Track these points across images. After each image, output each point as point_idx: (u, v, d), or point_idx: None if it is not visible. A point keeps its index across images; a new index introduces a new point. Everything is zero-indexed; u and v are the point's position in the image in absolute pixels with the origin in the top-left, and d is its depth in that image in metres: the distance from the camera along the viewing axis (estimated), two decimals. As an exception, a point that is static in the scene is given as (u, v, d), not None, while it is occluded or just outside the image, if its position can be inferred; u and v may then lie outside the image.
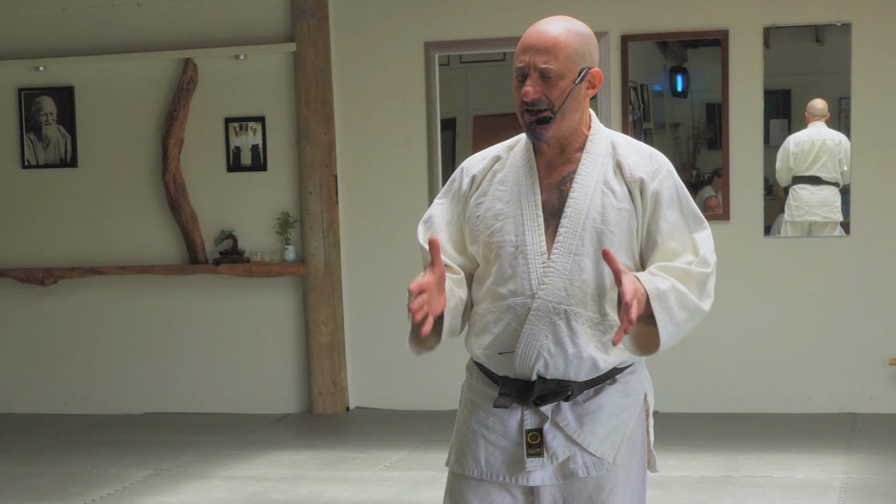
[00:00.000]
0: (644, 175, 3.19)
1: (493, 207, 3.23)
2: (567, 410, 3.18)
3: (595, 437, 3.19)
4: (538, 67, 3.14)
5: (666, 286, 3.08)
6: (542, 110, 3.14)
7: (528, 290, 3.15)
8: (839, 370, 7.99)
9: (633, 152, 3.25)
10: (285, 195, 8.55)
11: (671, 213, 3.19)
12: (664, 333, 3.08)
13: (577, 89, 3.16)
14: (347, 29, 8.43)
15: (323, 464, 7.18)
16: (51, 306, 8.92)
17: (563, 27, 3.18)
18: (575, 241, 3.14)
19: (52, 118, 8.82)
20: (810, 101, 8.00)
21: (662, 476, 6.61)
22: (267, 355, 8.66)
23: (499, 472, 3.23)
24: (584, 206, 3.16)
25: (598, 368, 3.17)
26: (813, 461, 6.86)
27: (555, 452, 3.18)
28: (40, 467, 7.28)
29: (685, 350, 8.09)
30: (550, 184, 3.21)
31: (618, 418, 3.23)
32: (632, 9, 8.07)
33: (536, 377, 3.15)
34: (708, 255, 3.17)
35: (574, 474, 3.19)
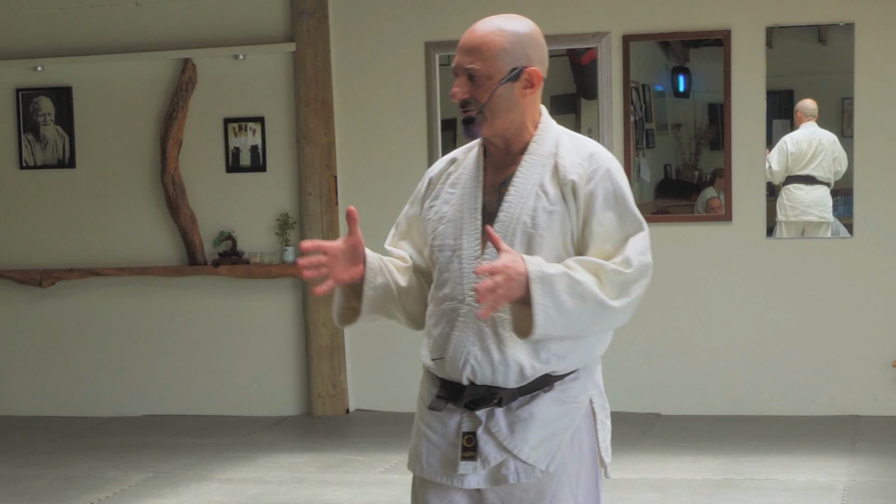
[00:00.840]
0: (576, 177, 3.14)
1: (440, 210, 3.25)
2: (500, 416, 3.16)
3: (526, 445, 3.16)
4: (465, 68, 3.15)
5: (556, 271, 3.03)
6: (471, 110, 3.15)
7: (460, 295, 3.15)
8: (842, 372, 7.99)
9: (574, 152, 3.19)
10: (285, 196, 8.55)
11: (606, 216, 3.13)
12: (542, 317, 3.00)
13: (507, 88, 3.14)
14: (347, 29, 8.43)
15: (322, 466, 7.18)
16: (49, 308, 8.92)
17: (494, 26, 3.18)
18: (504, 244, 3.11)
19: (51, 118, 8.83)
20: (801, 101, 8.01)
21: (664, 479, 6.61)
22: (266, 357, 8.66)
23: (436, 471, 3.24)
24: (516, 209, 3.14)
25: (525, 375, 3.14)
26: (816, 464, 6.86)
27: (486, 457, 3.17)
28: (38, 470, 7.28)
29: (687, 352, 8.10)
30: (493, 186, 3.21)
31: (552, 426, 3.18)
32: (633, 8, 8.07)
33: (468, 382, 3.15)
34: (632, 257, 3.10)
35: (505, 480, 3.17)
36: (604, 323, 3.10)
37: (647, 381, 8.19)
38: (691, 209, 8.16)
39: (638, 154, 8.11)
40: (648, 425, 7.91)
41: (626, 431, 7.73)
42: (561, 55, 8.18)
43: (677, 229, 8.12)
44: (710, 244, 8.09)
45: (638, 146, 8.11)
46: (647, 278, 3.12)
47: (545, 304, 3.00)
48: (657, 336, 8.15)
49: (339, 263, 3.19)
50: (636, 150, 8.09)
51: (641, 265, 3.10)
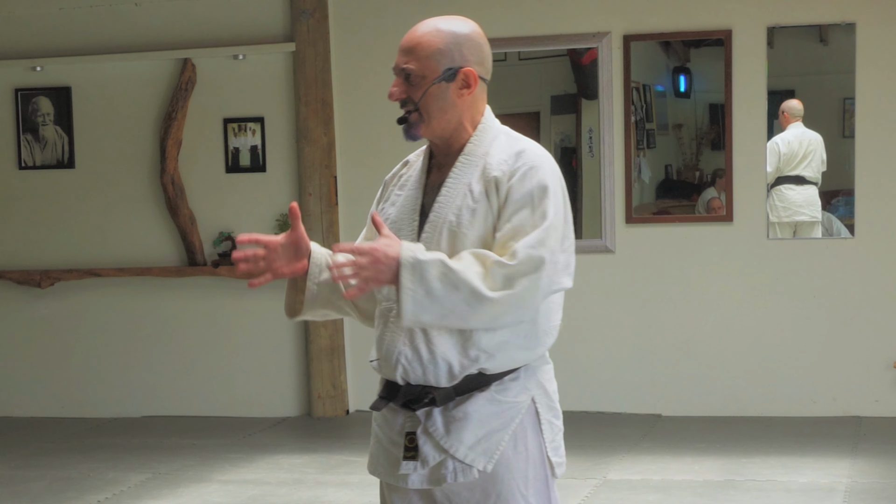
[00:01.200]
0: (500, 173, 3.16)
1: (386, 212, 3.31)
2: (437, 416, 3.18)
3: (463, 445, 3.17)
4: (401, 68, 3.19)
5: (430, 258, 3.04)
6: (409, 110, 3.20)
7: (393, 295, 3.16)
8: (843, 373, 7.99)
9: (504, 150, 3.21)
10: (284, 196, 8.55)
11: (521, 213, 3.13)
12: (409, 301, 3.02)
13: (441, 89, 3.16)
14: (347, 29, 8.44)
15: (322, 467, 7.18)
16: (48, 308, 8.92)
17: (432, 27, 3.20)
18: (432, 244, 3.15)
19: (50, 119, 8.83)
20: (786, 102, 8.00)
21: (665, 480, 6.61)
22: (266, 358, 8.66)
23: (385, 472, 3.28)
24: (445, 208, 3.18)
25: (454, 374, 3.15)
26: (817, 465, 6.86)
27: (425, 457, 3.19)
28: (37, 471, 7.28)
29: (688, 353, 8.10)
30: (433, 187, 3.25)
31: (489, 426, 3.18)
32: (634, 8, 8.07)
33: (402, 382, 3.18)
34: (519, 249, 3.07)
35: (443, 479, 3.18)
36: (484, 314, 3.06)
37: (648, 381, 8.19)
38: (692, 209, 8.16)
39: (639, 154, 8.11)
40: (649, 426, 7.92)
41: (626, 432, 7.73)
42: (562, 55, 8.18)
43: (678, 230, 8.12)
44: (710, 245, 8.09)
45: (639, 146, 8.11)
46: (539, 273, 3.07)
47: (414, 289, 3.03)
48: (658, 337, 8.15)
49: (279, 257, 3.27)
50: (637, 151, 8.10)
51: (528, 258, 3.06)
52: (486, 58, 3.24)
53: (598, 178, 8.10)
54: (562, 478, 3.34)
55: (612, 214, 8.10)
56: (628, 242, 8.15)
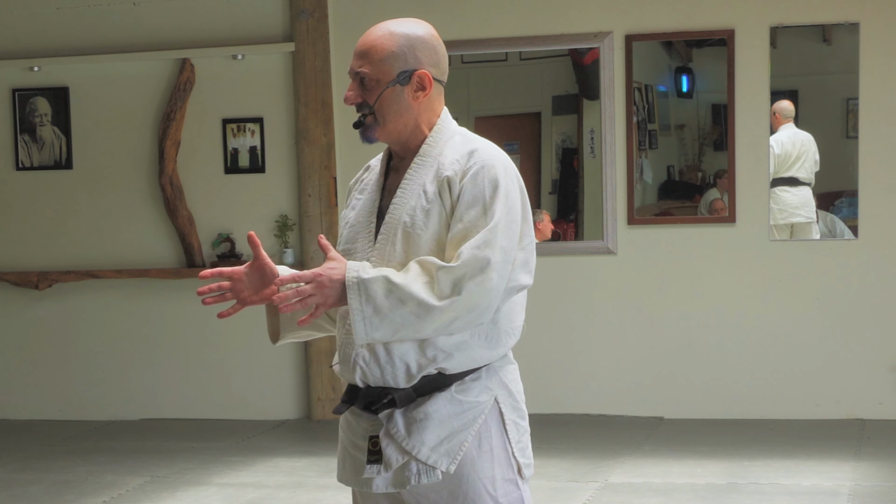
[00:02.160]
0: (452, 173, 3.17)
1: (347, 217, 3.35)
2: (398, 418, 3.20)
3: (425, 446, 3.18)
4: (354, 71, 3.23)
5: (373, 275, 3.07)
6: (365, 114, 3.23)
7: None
8: (847, 375, 8.00)
9: (457, 150, 3.22)
10: (284, 197, 8.56)
11: (470, 213, 3.12)
12: (359, 322, 3.08)
13: (395, 92, 3.20)
14: (347, 28, 8.44)
15: (322, 470, 7.19)
16: (45, 310, 8.92)
17: (385, 30, 3.25)
18: (388, 246, 3.18)
19: (47, 119, 8.83)
20: (777, 103, 8.01)
21: (667, 483, 6.61)
22: (265, 360, 8.66)
23: (350, 478, 3.30)
24: (399, 210, 3.20)
25: (412, 374, 3.17)
26: (820, 468, 6.86)
27: (389, 460, 3.20)
28: (34, 474, 7.29)
29: (690, 355, 8.10)
30: (391, 189, 3.27)
31: (450, 426, 3.19)
32: (636, 8, 8.08)
33: (362, 384, 3.21)
34: (465, 251, 3.07)
35: (407, 482, 3.19)
36: (435, 323, 3.07)
37: (650, 384, 8.20)
38: (694, 211, 8.17)
39: (641, 155, 8.12)
40: (651, 429, 7.92)
41: (628, 435, 7.74)
42: (563, 55, 8.19)
43: (680, 231, 8.13)
44: (713, 246, 8.09)
45: (640, 147, 8.12)
46: (486, 274, 3.05)
47: (362, 309, 3.08)
48: (659, 339, 8.16)
49: (246, 287, 3.33)
50: (639, 151, 8.10)
51: (473, 259, 3.05)
52: (440, 60, 3.29)
53: (599, 179, 8.10)
54: (563, 481, 3.34)
55: (614, 216, 8.10)
56: (630, 244, 8.15)
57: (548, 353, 8.21)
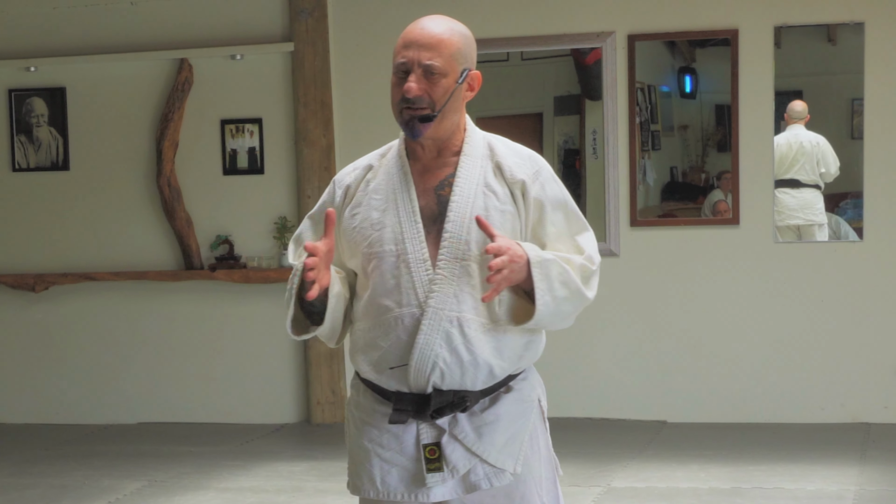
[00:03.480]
0: (525, 177, 3.21)
1: (370, 217, 3.24)
2: (465, 422, 3.18)
3: (494, 448, 3.18)
4: (423, 64, 3.16)
5: (550, 256, 3.13)
6: (423, 108, 3.16)
7: (415, 300, 3.14)
8: (852, 379, 8.00)
9: (512, 154, 3.26)
10: (283, 199, 8.56)
11: (556, 216, 3.23)
12: (541, 302, 3.09)
13: (459, 90, 3.20)
14: (347, 28, 8.45)
15: (322, 475, 7.19)
16: (42, 313, 8.92)
17: (446, 25, 3.22)
18: (461, 245, 3.15)
19: (44, 120, 8.84)
20: (790, 103, 8.02)
21: (670, 487, 6.62)
22: (264, 363, 8.66)
23: (396, 490, 3.22)
24: (466, 209, 3.17)
25: (495, 375, 3.18)
26: (825, 472, 6.86)
27: (455, 466, 3.17)
28: (31, 479, 7.29)
29: (694, 358, 8.10)
30: (427, 189, 3.22)
31: (515, 426, 3.22)
32: (639, 8, 8.08)
33: (433, 389, 3.15)
34: (594, 255, 3.23)
35: (477, 487, 3.18)
36: (574, 314, 3.22)
37: (653, 387, 8.20)
38: (698, 212, 8.17)
39: (643, 156, 8.12)
40: (654, 433, 7.92)
41: (631, 439, 7.74)
42: (565, 55, 8.19)
43: (683, 233, 8.13)
44: (717, 248, 8.10)
45: (643, 148, 8.12)
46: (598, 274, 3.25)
47: (543, 288, 3.10)
48: (663, 342, 8.16)
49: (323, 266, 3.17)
50: (641, 152, 8.10)
51: (599, 262, 3.24)
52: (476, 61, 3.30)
53: (602, 181, 8.11)
54: (565, 485, 3.37)
55: (617, 217, 8.11)
56: (633, 246, 8.15)
57: (549, 356, 8.17)
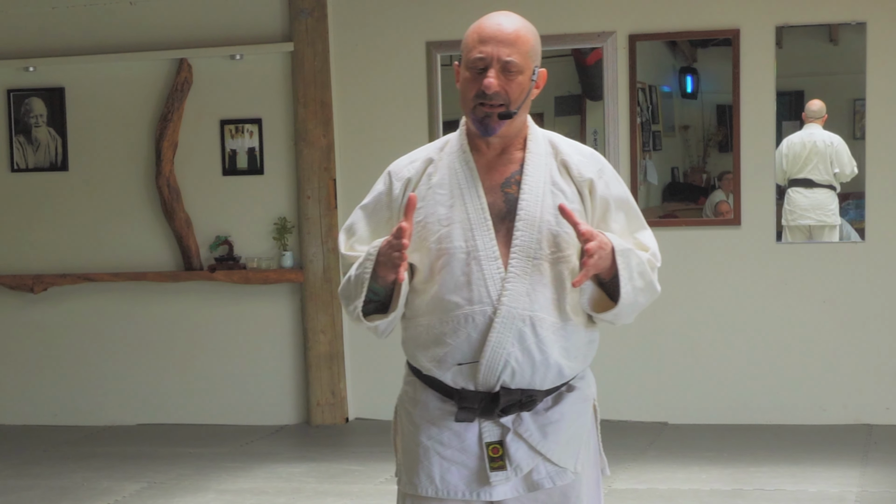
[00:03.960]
0: (592, 175, 3.23)
1: (436, 213, 3.22)
2: (529, 420, 3.19)
3: (558, 447, 3.20)
4: (501, 60, 3.16)
5: (629, 246, 3.18)
6: (499, 105, 3.16)
7: (487, 298, 3.14)
8: (854, 380, 8.00)
9: (576, 152, 3.28)
10: (283, 200, 8.56)
11: (619, 215, 3.27)
12: (625, 290, 3.13)
13: (531, 86, 3.21)
14: (347, 28, 8.45)
15: (321, 477, 7.19)
16: (41, 314, 8.93)
17: (521, 22, 3.24)
18: (532, 244, 3.15)
19: (42, 120, 8.84)
20: (808, 102, 8.02)
21: (671, 489, 6.62)
22: (264, 365, 8.66)
23: (456, 488, 3.22)
24: (536, 208, 3.17)
25: (564, 375, 3.20)
26: (827, 474, 6.86)
27: (518, 464, 3.18)
28: (29, 480, 7.29)
29: (695, 359, 8.10)
30: (493, 186, 3.22)
31: (576, 425, 3.25)
32: (640, 7, 8.08)
33: (500, 388, 3.15)
34: (657, 251, 3.30)
35: (539, 485, 3.20)
36: (644, 307, 3.26)
37: (654, 389, 8.20)
38: (699, 213, 8.17)
39: (644, 156, 8.12)
40: (655, 434, 7.92)
41: (631, 441, 7.74)
42: (566, 55, 8.20)
43: (685, 233, 8.13)
44: (718, 249, 8.10)
45: (644, 148, 8.13)
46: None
47: (625, 276, 3.15)
48: (664, 343, 8.16)
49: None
50: (643, 153, 8.11)
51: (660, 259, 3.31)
52: None
53: (603, 181, 8.10)
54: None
55: (618, 218, 8.10)
56: (634, 246, 8.15)
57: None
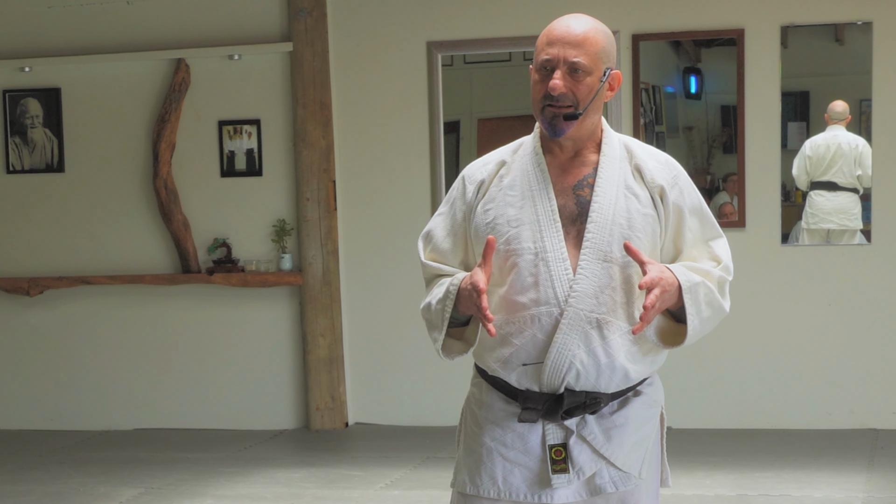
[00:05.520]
0: (665, 182, 3.26)
1: (506, 214, 3.25)
2: (593, 424, 3.21)
3: (622, 451, 3.23)
4: (568, 61, 3.17)
5: (697, 279, 3.18)
6: (567, 106, 3.18)
7: (554, 299, 3.17)
8: (860, 384, 8.00)
9: (651, 157, 3.30)
10: (281, 201, 8.57)
11: (693, 222, 3.28)
12: (692, 326, 3.17)
13: (602, 89, 3.22)
14: (346, 28, 8.46)
15: (321, 482, 7.20)
16: (37, 317, 8.93)
17: (591, 24, 3.23)
18: (604, 247, 3.18)
19: (38, 121, 8.85)
20: (830, 103, 8.02)
21: (675, 494, 6.62)
22: (262, 369, 8.67)
23: (518, 490, 3.25)
24: (609, 211, 3.19)
25: (630, 379, 3.23)
26: (832, 479, 6.87)
27: (581, 468, 3.21)
28: (25, 486, 7.30)
29: (699, 363, 8.10)
30: (565, 188, 3.24)
31: (642, 430, 3.29)
32: (643, 7, 8.09)
33: (564, 389, 3.18)
34: (729, 264, 3.29)
35: (602, 490, 3.22)
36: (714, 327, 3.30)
37: (658, 393, 8.19)
38: (703, 215, 8.16)
39: (648, 158, 8.11)
40: (659, 439, 7.92)
41: (635, 446, 7.75)
42: (568, 55, 8.19)
43: (689, 236, 8.12)
44: (722, 251, 8.09)
45: (648, 149, 8.12)
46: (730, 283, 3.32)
47: (692, 313, 3.18)
48: (668, 347, 8.15)
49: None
50: (646, 154, 8.10)
51: (731, 270, 3.30)
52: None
53: (605, 183, 8.10)
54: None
55: (621, 220, 8.11)
56: (637, 249, 8.15)
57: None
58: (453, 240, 3.35)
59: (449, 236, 3.36)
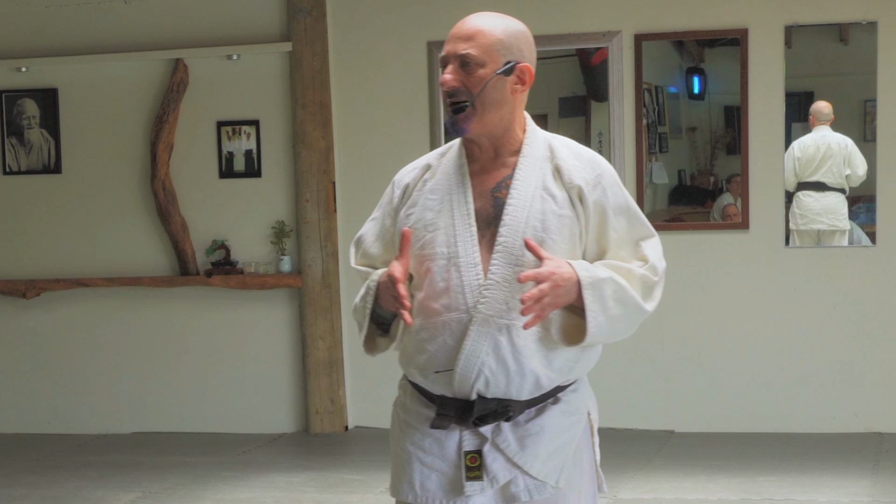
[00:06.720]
0: (582, 182, 3.22)
1: (424, 218, 3.25)
2: (508, 431, 3.19)
3: (537, 460, 3.20)
4: (458, 54, 3.19)
5: (604, 276, 3.13)
6: (462, 101, 3.17)
7: (464, 305, 3.16)
8: (865, 387, 8.01)
9: (573, 156, 3.27)
10: (281, 203, 8.58)
11: (619, 222, 3.24)
12: (593, 324, 3.11)
13: (500, 81, 3.20)
14: (346, 28, 8.46)
15: (320, 486, 7.20)
16: (34, 320, 8.94)
17: (489, 18, 3.24)
18: (515, 250, 3.15)
19: (35, 122, 8.86)
20: (814, 104, 8.03)
21: (678, 499, 6.63)
22: (261, 372, 8.68)
23: (434, 496, 3.24)
24: (522, 213, 3.18)
25: (542, 386, 3.19)
26: (837, 483, 6.87)
27: (495, 476, 3.19)
28: (22, 490, 7.31)
29: (702, 366, 8.11)
30: (484, 191, 3.23)
31: (560, 439, 3.23)
32: (646, 7, 8.10)
33: (476, 396, 3.17)
34: (657, 263, 3.24)
35: (516, 498, 3.20)
36: (634, 328, 3.24)
37: (660, 396, 8.21)
38: (706, 216, 8.18)
39: (651, 159, 8.14)
40: (661, 443, 7.93)
41: (638, 449, 7.75)
42: (570, 55, 8.21)
43: (692, 237, 8.14)
44: (726, 253, 8.10)
45: (651, 150, 8.14)
46: (662, 283, 3.25)
47: (595, 309, 3.12)
48: (670, 349, 8.16)
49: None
50: (649, 155, 8.12)
51: (663, 270, 3.24)
52: (535, 59, 3.32)
53: (608, 184, 8.11)
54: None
55: (623, 221, 8.11)
56: (640, 251, 8.15)
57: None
58: (381, 244, 3.38)
59: (377, 241, 3.38)
